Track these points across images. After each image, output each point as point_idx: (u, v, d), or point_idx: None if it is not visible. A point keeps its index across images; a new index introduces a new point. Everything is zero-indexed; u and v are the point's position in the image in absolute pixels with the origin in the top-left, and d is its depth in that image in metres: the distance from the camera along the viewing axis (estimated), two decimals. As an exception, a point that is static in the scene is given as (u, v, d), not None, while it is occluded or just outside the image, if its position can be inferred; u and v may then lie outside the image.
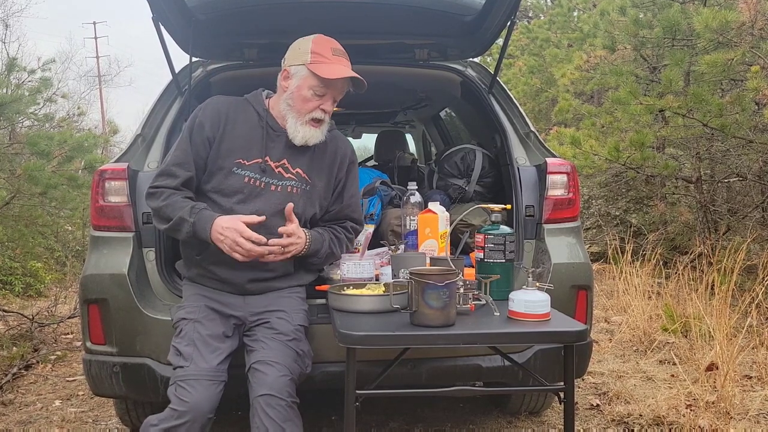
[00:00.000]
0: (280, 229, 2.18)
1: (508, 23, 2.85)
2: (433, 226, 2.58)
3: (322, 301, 2.48)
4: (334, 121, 2.48)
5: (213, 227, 2.13)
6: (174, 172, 2.24)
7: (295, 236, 2.21)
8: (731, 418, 3.04)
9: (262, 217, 2.17)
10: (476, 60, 3.39)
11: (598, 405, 3.34)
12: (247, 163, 2.27)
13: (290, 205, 2.20)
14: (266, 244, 2.14)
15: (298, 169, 2.33)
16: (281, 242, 2.18)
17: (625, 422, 3.12)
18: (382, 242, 3.00)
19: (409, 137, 5.59)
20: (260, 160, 2.28)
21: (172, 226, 2.20)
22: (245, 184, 2.26)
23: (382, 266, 2.64)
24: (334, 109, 2.34)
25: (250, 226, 2.14)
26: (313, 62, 2.24)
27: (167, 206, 2.20)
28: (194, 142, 2.27)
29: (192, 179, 2.26)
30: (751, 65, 4.91)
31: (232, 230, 2.11)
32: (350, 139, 5.94)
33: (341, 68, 2.25)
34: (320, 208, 2.39)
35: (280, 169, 2.30)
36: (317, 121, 2.29)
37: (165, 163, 2.31)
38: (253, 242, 2.12)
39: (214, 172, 2.28)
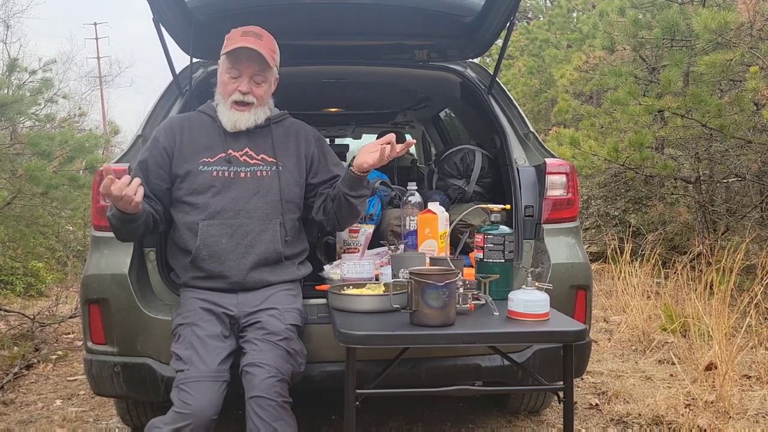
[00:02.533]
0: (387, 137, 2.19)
1: (508, 24, 2.85)
2: (432, 226, 2.59)
3: (322, 300, 2.49)
4: (334, 122, 2.49)
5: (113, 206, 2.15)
6: None
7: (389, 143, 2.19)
8: (730, 417, 3.04)
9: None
10: (476, 61, 3.40)
11: (597, 404, 3.35)
12: (212, 160, 2.36)
13: (392, 135, 2.22)
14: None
15: (262, 155, 2.39)
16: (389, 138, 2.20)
17: (624, 422, 3.13)
18: (381, 242, 3.01)
19: (408, 138, 5.59)
20: (224, 154, 2.37)
21: (114, 231, 2.26)
22: (215, 177, 2.33)
23: (381, 266, 2.65)
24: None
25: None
26: (224, 47, 2.34)
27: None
28: (152, 155, 2.35)
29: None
30: (749, 66, 4.92)
31: (110, 197, 2.08)
32: (350, 139, 5.97)
33: (241, 43, 2.30)
34: (299, 187, 2.43)
35: (245, 157, 2.38)
36: (240, 104, 2.35)
37: None
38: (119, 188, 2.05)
39: (183, 177, 2.35)
